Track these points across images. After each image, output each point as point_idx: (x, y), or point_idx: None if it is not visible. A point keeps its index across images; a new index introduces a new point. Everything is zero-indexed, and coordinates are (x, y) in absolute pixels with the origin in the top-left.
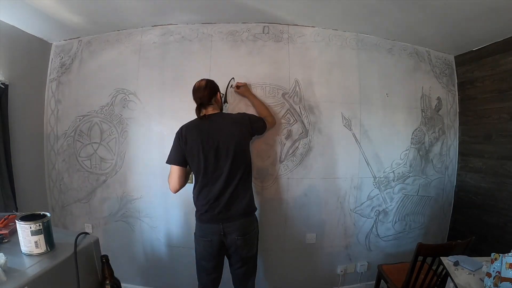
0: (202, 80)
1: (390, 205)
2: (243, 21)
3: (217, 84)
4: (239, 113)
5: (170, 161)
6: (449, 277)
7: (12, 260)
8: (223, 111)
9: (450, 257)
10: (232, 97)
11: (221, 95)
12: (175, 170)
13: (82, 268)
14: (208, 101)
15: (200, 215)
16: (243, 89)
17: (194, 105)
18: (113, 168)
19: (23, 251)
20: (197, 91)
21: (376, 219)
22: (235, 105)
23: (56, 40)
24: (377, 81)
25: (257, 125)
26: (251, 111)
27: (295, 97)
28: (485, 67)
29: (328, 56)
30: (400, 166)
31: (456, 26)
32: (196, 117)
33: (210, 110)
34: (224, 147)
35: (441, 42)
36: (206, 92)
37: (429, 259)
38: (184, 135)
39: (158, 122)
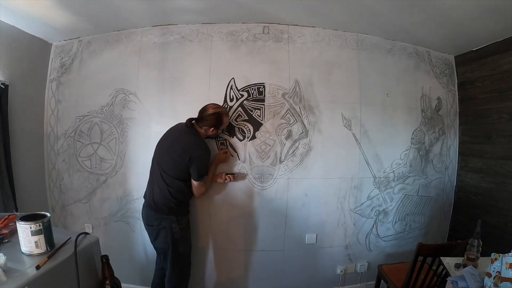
0: (218, 107)
1: (390, 205)
2: (243, 21)
3: (225, 110)
4: (200, 149)
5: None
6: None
7: (12, 260)
8: (199, 139)
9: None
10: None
11: (221, 130)
12: None
13: (82, 268)
14: (199, 123)
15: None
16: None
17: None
18: (113, 168)
19: (23, 251)
20: (205, 110)
21: (376, 219)
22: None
23: (56, 40)
24: (377, 81)
25: (192, 170)
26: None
27: (295, 97)
28: (485, 67)
29: (328, 56)
30: (400, 166)
31: (456, 26)
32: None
33: (197, 127)
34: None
35: (441, 42)
36: (208, 120)
37: (429, 259)
38: None
39: (158, 122)
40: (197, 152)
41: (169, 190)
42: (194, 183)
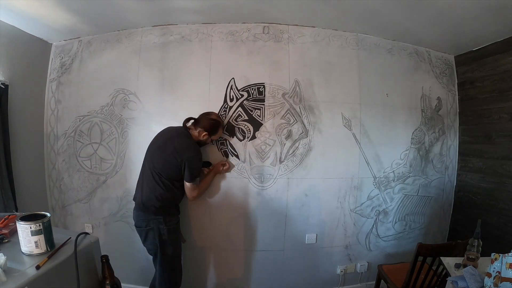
0: (220, 118)
1: (390, 205)
2: (243, 21)
3: (223, 123)
4: (193, 150)
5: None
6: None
7: (12, 260)
8: (192, 141)
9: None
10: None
11: (211, 140)
12: None
13: (82, 268)
14: (197, 124)
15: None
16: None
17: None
18: (113, 168)
19: (23, 251)
20: (208, 114)
21: (376, 219)
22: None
23: (56, 40)
24: (377, 81)
25: (185, 172)
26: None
27: (295, 97)
28: (485, 67)
29: (328, 56)
30: (400, 166)
31: (456, 26)
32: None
33: (191, 129)
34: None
35: (441, 42)
36: (206, 123)
37: (429, 259)
38: None
39: (158, 122)
40: (189, 154)
41: (159, 190)
42: (187, 184)
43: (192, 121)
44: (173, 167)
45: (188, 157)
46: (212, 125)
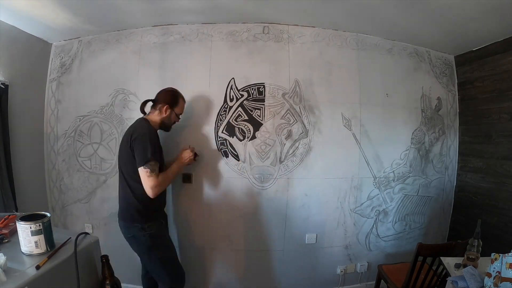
0: (170, 88)
1: (390, 205)
2: (243, 21)
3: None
4: (139, 130)
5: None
6: (449, 277)
7: (12, 260)
8: (141, 120)
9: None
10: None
11: (177, 116)
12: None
13: (82, 268)
14: (154, 106)
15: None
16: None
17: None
18: (113, 168)
19: (23, 251)
20: (162, 89)
21: (376, 219)
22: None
23: (56, 40)
24: (377, 81)
25: (136, 155)
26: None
27: (295, 97)
28: (485, 67)
29: (328, 56)
30: (400, 166)
31: (456, 26)
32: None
33: (151, 113)
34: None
35: (441, 42)
36: (163, 96)
37: (429, 259)
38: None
39: None
40: (138, 132)
41: (128, 192)
42: (140, 171)
43: (149, 103)
44: (129, 157)
45: (135, 137)
46: (171, 95)
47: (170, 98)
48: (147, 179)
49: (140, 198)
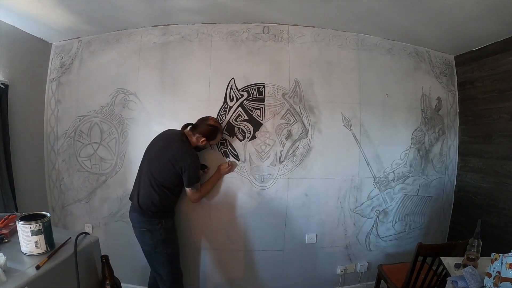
0: (218, 123)
1: (390, 205)
2: (243, 21)
3: (222, 128)
4: (189, 158)
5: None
6: (449, 277)
7: (12, 260)
8: (189, 147)
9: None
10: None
11: (210, 145)
12: None
13: (82, 268)
14: (195, 130)
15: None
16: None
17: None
18: (113, 168)
19: (23, 251)
20: (206, 120)
21: (376, 219)
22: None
23: (56, 40)
24: (377, 81)
25: (184, 178)
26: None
27: (295, 97)
28: (485, 67)
29: (328, 56)
30: (400, 166)
31: (456, 26)
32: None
33: (189, 135)
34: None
35: (441, 42)
36: (204, 129)
37: (429, 259)
38: None
39: (158, 122)
40: (187, 161)
41: (155, 196)
42: (187, 190)
43: (190, 126)
44: (170, 173)
45: (186, 165)
46: (210, 131)
47: (208, 133)
48: (192, 195)
49: (164, 202)
